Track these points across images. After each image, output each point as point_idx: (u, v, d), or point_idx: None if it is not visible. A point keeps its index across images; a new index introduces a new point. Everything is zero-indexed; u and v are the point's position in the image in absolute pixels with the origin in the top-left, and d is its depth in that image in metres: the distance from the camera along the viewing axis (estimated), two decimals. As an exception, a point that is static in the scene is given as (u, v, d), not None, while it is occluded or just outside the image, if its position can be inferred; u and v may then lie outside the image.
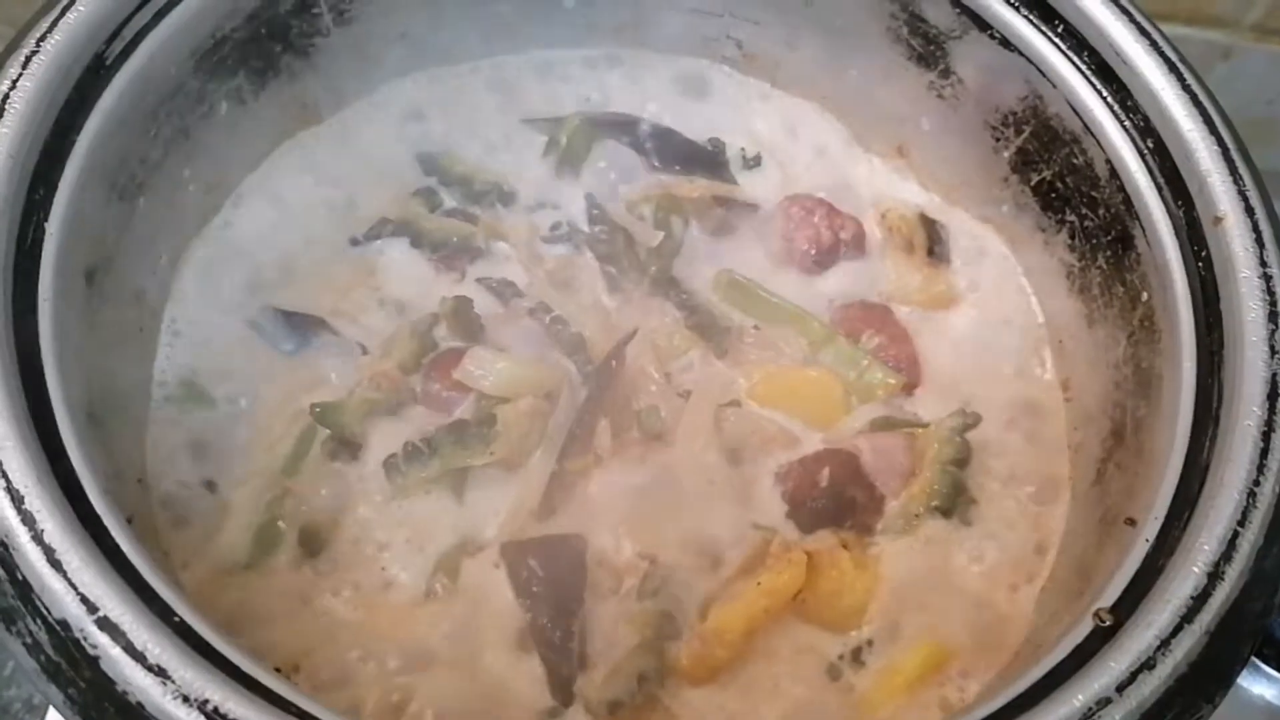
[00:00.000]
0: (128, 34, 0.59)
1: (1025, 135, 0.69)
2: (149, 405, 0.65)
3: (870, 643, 0.62)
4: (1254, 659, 0.86)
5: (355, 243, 0.73)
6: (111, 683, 0.42)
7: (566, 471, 0.65)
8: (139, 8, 0.60)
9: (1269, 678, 0.85)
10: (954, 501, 0.66)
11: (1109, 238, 0.64)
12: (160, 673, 0.41)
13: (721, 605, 0.61)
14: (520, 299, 0.72)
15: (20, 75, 0.54)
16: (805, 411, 0.69)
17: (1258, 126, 1.20)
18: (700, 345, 0.71)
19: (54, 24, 0.56)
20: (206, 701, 0.41)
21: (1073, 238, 0.68)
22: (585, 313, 0.71)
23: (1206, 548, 0.47)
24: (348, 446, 0.66)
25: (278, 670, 0.46)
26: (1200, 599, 0.46)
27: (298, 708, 0.43)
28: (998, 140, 0.71)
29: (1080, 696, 0.44)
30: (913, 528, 0.66)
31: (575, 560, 0.63)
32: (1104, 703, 0.44)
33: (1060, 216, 0.69)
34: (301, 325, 0.69)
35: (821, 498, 0.66)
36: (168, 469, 0.63)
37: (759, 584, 0.62)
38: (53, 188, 0.54)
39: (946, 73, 0.72)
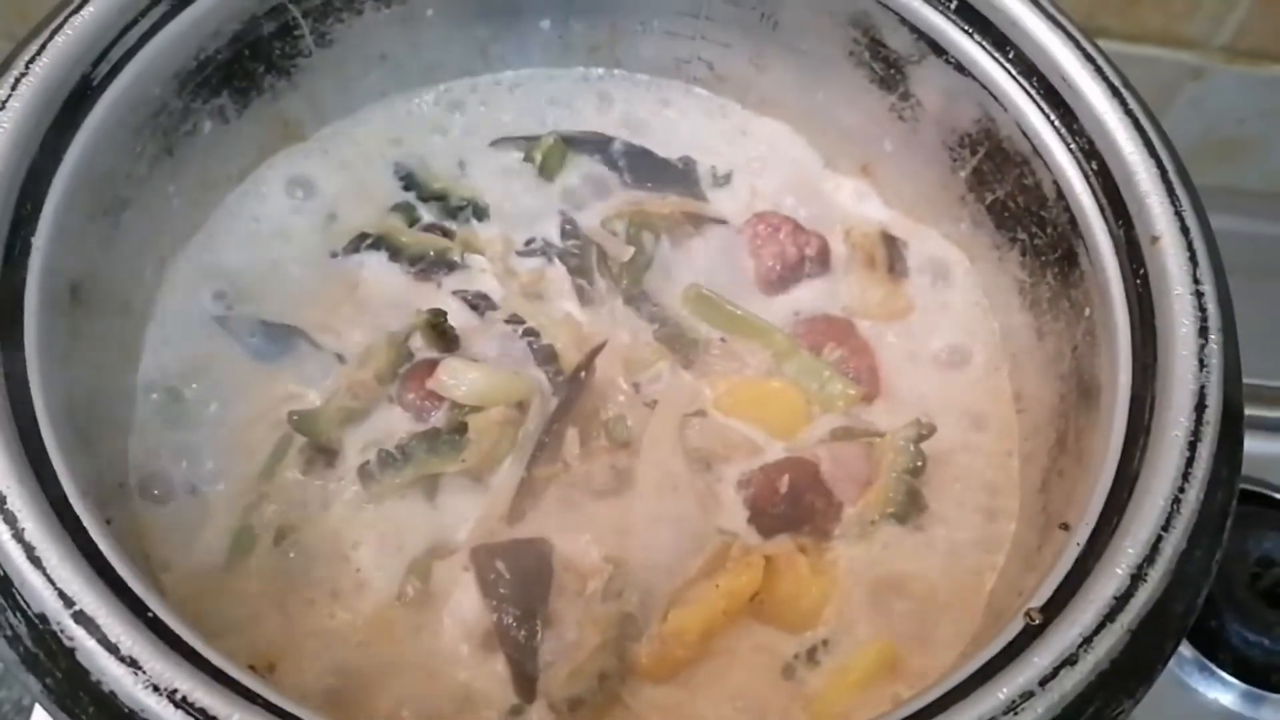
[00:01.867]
0: (114, 56, 0.62)
1: (980, 156, 0.71)
2: (132, 412, 0.67)
3: (825, 643, 0.64)
4: (1211, 664, 0.88)
5: (335, 256, 0.76)
6: (86, 673, 0.44)
7: (536, 478, 0.68)
8: (124, 31, 0.62)
9: (1224, 683, 0.88)
10: (909, 509, 0.68)
11: (1056, 255, 0.67)
12: (132, 664, 0.44)
13: (681, 607, 0.63)
14: (494, 311, 0.75)
15: (9, 97, 0.57)
16: (768, 421, 0.72)
17: (1228, 146, 1.23)
18: (668, 357, 0.74)
19: (42, 47, 0.59)
20: (176, 691, 0.43)
21: (1024, 255, 0.70)
22: (557, 325, 0.74)
23: (1131, 550, 0.50)
24: (324, 453, 0.68)
25: (252, 668, 0.49)
26: (1123, 599, 0.49)
27: (263, 698, 0.45)
28: (955, 161, 0.74)
29: (1004, 690, 0.46)
30: (869, 534, 0.68)
31: (541, 563, 0.65)
32: (1027, 696, 0.46)
33: (1013, 234, 0.71)
34: (281, 336, 0.72)
35: (781, 504, 0.68)
36: (149, 473, 0.66)
37: (717, 586, 0.64)
38: (40, 203, 0.57)
39: (906, 95, 0.75)
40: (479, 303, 0.75)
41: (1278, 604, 0.90)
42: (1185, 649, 0.89)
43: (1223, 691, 0.88)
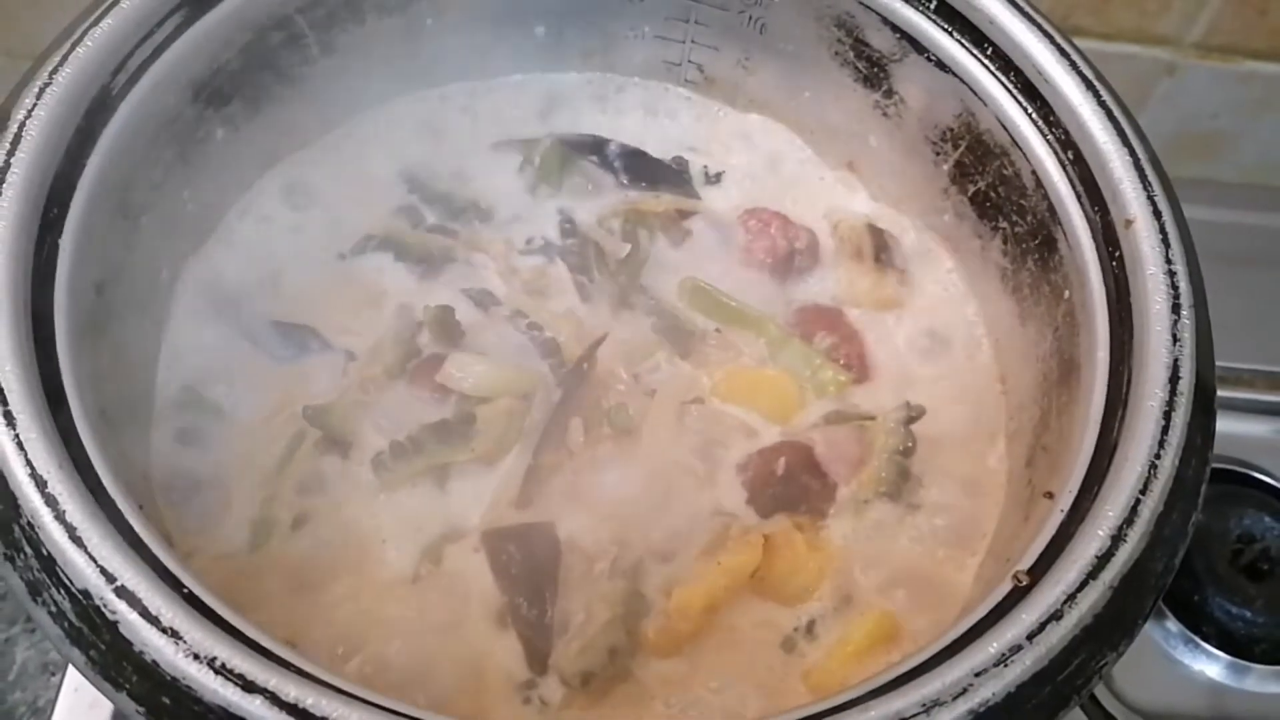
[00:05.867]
0: (131, 66, 0.64)
1: (961, 149, 0.75)
2: (153, 408, 0.69)
3: (823, 617, 0.67)
4: (1196, 638, 0.91)
5: (343, 257, 0.78)
6: (129, 644, 0.46)
7: (542, 465, 0.70)
8: (141, 42, 0.65)
9: (1210, 655, 0.91)
10: (900, 487, 0.71)
11: (1036, 242, 0.70)
12: (173, 634, 0.46)
13: (685, 584, 0.66)
14: (498, 307, 0.77)
15: (35, 105, 0.59)
16: (763, 407, 0.75)
17: (1202, 140, 1.27)
18: (666, 348, 0.76)
19: (64, 58, 0.61)
20: (215, 659, 0.46)
21: (1005, 243, 0.73)
22: (559, 319, 0.77)
23: (1111, 514, 0.53)
24: (338, 445, 0.70)
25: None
26: (1104, 559, 0.52)
27: (295, 665, 0.47)
28: (937, 154, 0.77)
29: (995, 644, 0.49)
30: (862, 512, 0.71)
31: (550, 545, 0.68)
32: (1016, 649, 0.49)
33: (994, 223, 0.74)
34: (293, 334, 0.74)
35: (778, 485, 0.71)
36: (170, 466, 0.68)
37: (719, 563, 0.67)
38: (65, 208, 0.59)
39: (890, 93, 0.78)
40: (483, 299, 0.78)
41: (1258, 578, 0.93)
42: (1171, 623, 0.92)
43: (1208, 663, 0.91)
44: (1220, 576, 0.93)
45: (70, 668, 0.83)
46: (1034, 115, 0.69)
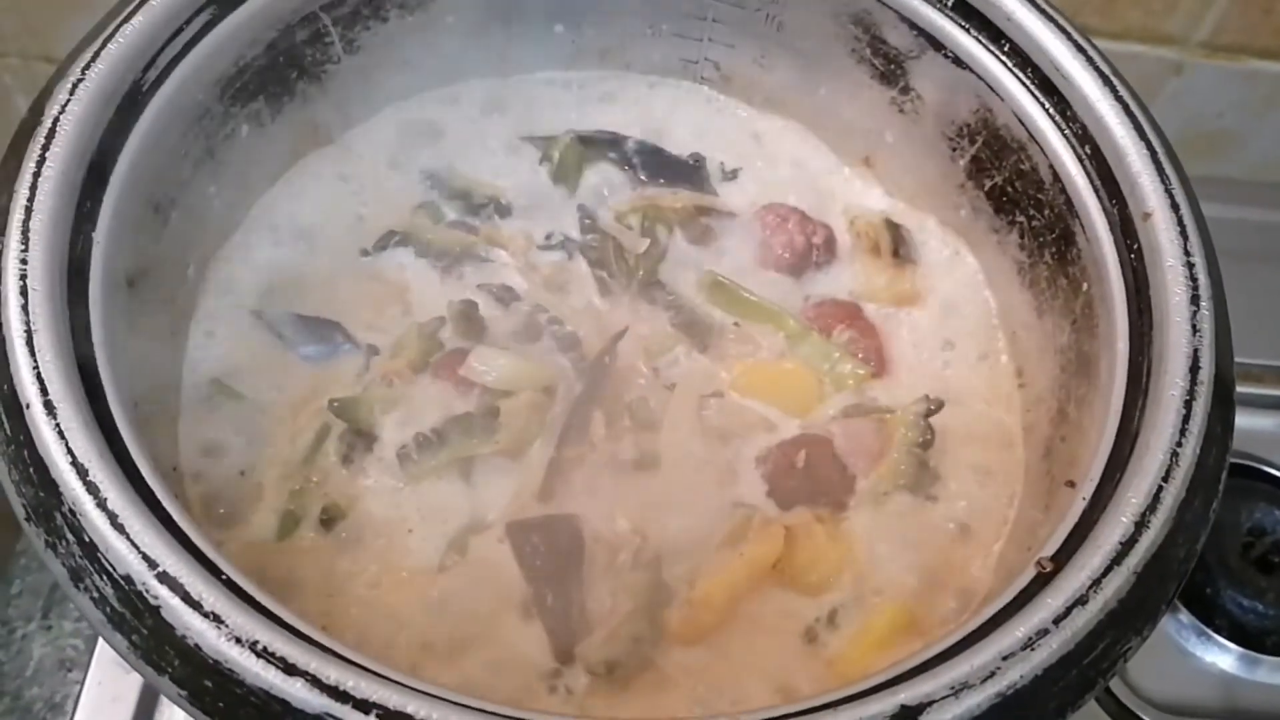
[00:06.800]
0: (161, 63, 0.65)
1: (978, 145, 0.75)
2: (181, 400, 0.70)
3: (844, 607, 0.68)
4: (1208, 630, 0.92)
5: (365, 253, 0.79)
6: (171, 628, 0.47)
7: (564, 458, 0.71)
8: (170, 39, 0.65)
9: (1222, 647, 0.92)
10: (919, 480, 0.72)
11: (1053, 235, 0.71)
12: (215, 619, 0.47)
13: (708, 575, 0.67)
14: (519, 302, 0.78)
15: (69, 100, 0.60)
16: (782, 400, 0.75)
17: (1209, 139, 1.28)
18: (685, 342, 0.77)
19: (96, 54, 0.62)
20: (256, 642, 0.47)
21: (1022, 237, 0.74)
22: (579, 314, 0.77)
23: (1134, 501, 0.53)
24: (363, 438, 0.71)
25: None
26: (1128, 545, 0.52)
27: (334, 650, 0.48)
28: (954, 150, 0.78)
29: (1021, 629, 0.50)
30: (881, 503, 0.71)
31: (573, 536, 0.68)
32: (1042, 633, 0.50)
33: (1011, 218, 0.75)
34: (317, 329, 0.75)
35: (798, 478, 0.72)
36: (199, 459, 0.69)
37: (741, 554, 0.67)
38: (98, 201, 0.60)
39: (906, 89, 0.79)
40: (504, 295, 0.78)
41: (1270, 571, 0.94)
42: (1184, 615, 0.92)
43: (1220, 655, 0.92)
44: (1232, 569, 0.94)
45: (93, 661, 0.84)
46: (1051, 110, 0.69)
